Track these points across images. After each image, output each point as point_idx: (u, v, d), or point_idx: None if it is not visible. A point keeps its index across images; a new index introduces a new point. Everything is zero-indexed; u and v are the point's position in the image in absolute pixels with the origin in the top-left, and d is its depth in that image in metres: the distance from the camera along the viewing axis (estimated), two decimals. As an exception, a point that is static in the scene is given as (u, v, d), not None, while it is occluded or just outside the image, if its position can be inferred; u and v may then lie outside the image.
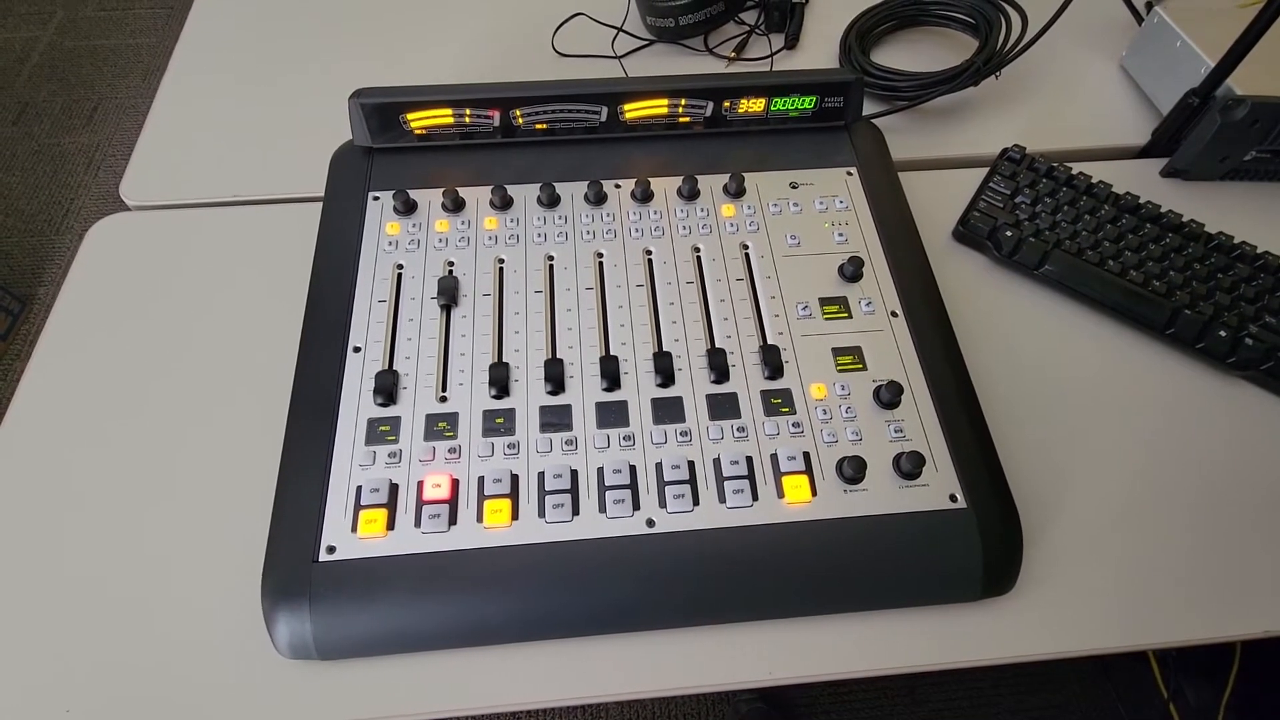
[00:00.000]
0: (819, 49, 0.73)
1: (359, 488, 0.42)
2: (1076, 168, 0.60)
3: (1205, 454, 0.49)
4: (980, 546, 0.41)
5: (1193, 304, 0.52)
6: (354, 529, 0.41)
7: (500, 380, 0.45)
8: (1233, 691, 0.93)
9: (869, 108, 0.61)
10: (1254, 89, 0.58)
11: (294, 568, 0.40)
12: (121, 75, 1.89)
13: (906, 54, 0.71)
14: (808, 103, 0.57)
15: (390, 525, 0.41)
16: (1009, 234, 0.56)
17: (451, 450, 0.43)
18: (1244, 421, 0.50)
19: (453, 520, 0.41)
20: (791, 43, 0.72)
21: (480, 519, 0.41)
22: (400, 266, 0.51)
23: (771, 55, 0.72)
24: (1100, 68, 0.71)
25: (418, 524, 0.41)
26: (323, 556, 0.40)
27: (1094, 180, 0.59)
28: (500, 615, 0.40)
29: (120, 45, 1.96)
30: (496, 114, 0.55)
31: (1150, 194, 0.58)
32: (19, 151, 1.74)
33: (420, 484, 0.42)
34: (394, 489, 0.42)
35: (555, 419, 0.45)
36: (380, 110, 0.54)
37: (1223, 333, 0.51)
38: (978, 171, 0.62)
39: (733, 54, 0.72)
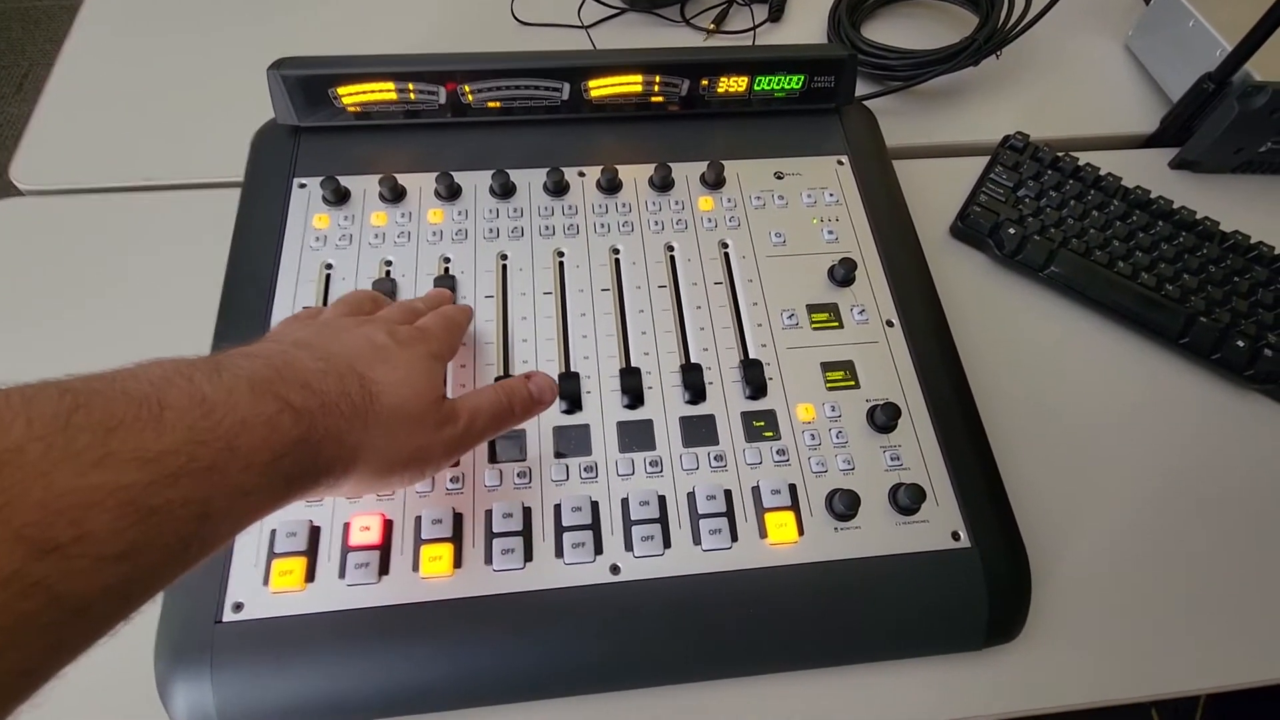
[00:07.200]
0: (805, 23, 0.67)
1: (273, 531, 0.36)
2: (1083, 158, 0.55)
3: (1225, 476, 0.45)
4: (985, 591, 0.37)
5: (1208, 310, 0.48)
6: (265, 581, 0.35)
7: (442, 401, 0.39)
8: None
9: (859, 89, 0.55)
10: (1274, 75, 0.53)
11: (193, 628, 0.34)
12: (54, 40, 1.75)
13: (900, 30, 0.65)
14: (795, 82, 0.51)
15: (309, 576, 0.35)
16: (1012, 231, 0.51)
17: (384, 484, 0.37)
18: (1266, 440, 0.46)
19: (384, 569, 0.35)
20: (776, 15, 0.66)
21: (416, 567, 0.35)
22: (329, 265, 0.45)
23: (754, 28, 0.66)
24: (1104, 48, 0.66)
25: (342, 574, 0.35)
26: (228, 616, 0.34)
27: (1102, 173, 0.54)
28: (440, 679, 0.34)
29: (53, 7, 1.81)
30: (444, 89, 0.48)
31: (1159, 187, 0.54)
32: (-61, 122, 1.61)
33: (346, 526, 0.36)
34: (315, 533, 0.36)
35: (506, 447, 0.39)
36: (306, 83, 0.47)
37: (1240, 343, 0.47)
38: (976, 160, 0.57)
39: (711, 25, 0.65)
